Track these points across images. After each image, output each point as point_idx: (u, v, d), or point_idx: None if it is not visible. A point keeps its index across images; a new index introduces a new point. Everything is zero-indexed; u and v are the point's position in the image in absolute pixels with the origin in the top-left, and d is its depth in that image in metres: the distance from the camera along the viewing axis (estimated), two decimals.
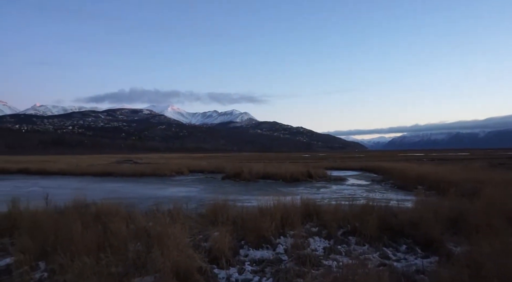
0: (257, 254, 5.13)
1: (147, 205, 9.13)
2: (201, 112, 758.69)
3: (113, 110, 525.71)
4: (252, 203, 10.07)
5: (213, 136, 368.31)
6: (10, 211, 6.94)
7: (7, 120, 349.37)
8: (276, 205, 6.92)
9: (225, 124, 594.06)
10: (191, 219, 6.50)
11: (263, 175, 23.76)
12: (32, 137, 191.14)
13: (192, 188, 18.73)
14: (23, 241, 4.80)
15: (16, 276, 3.81)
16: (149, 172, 27.98)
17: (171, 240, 4.23)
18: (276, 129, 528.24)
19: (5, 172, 31.53)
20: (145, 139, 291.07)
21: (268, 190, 16.81)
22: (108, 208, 6.70)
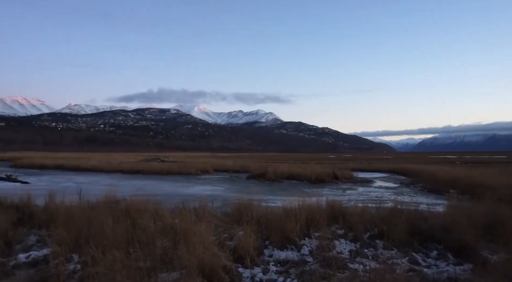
0: (282, 255, 5.10)
1: (173, 202, 9.33)
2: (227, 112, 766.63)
3: (142, 109, 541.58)
4: (276, 204, 10.04)
5: (238, 136, 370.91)
6: (47, 204, 7.32)
7: (45, 119, 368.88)
8: (301, 206, 6.87)
9: (250, 124, 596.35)
10: (216, 218, 6.58)
11: (287, 176, 23.64)
12: (67, 134, 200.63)
13: (217, 187, 18.95)
14: (59, 233, 5.04)
15: (52, 267, 4.01)
16: (175, 170, 28.61)
17: (197, 238, 4.30)
18: (301, 129, 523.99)
19: (44, 168, 33.41)
20: (172, 138, 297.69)
21: (293, 190, 16.70)
22: (137, 205, 6.90)
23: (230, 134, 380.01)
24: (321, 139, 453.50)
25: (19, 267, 4.24)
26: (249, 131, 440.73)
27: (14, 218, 6.32)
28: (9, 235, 5.52)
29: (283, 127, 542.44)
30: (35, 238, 5.85)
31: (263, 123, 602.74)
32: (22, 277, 3.67)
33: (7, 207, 6.97)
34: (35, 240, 5.75)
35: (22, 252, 4.99)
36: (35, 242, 5.68)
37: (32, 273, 4.05)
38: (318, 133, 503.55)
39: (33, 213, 6.99)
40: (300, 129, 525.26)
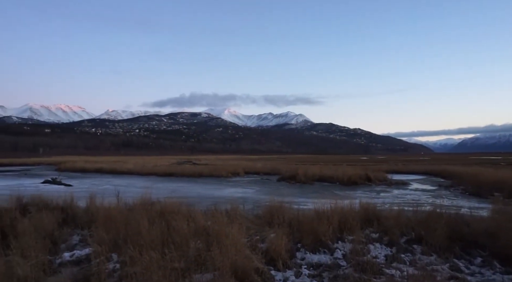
0: (314, 258, 5.03)
1: (205, 204, 9.49)
2: (257, 115, 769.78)
3: (174, 113, 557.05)
4: (308, 206, 9.93)
5: (268, 138, 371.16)
6: (88, 206, 7.72)
7: (85, 124, 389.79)
8: (333, 208, 6.74)
9: (280, 126, 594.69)
10: (248, 220, 6.61)
11: (319, 178, 23.31)
12: (106, 139, 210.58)
13: (248, 189, 19.05)
14: (99, 234, 5.29)
15: (94, 265, 4.22)
16: (207, 173, 29.12)
17: (229, 240, 4.35)
18: (332, 130, 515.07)
19: (85, 171, 35.28)
20: (203, 141, 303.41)
21: (324, 193, 16.43)
22: (171, 206, 7.09)
23: (260, 136, 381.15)
24: (353, 141, 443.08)
25: (64, 265, 4.50)
26: (279, 133, 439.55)
27: (59, 218, 6.72)
28: (55, 235, 5.88)
29: (313, 129, 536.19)
30: (78, 238, 6.18)
31: (293, 125, 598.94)
32: (67, 275, 3.88)
33: (53, 208, 7.42)
34: (78, 240, 6.08)
35: (66, 251, 5.30)
36: (78, 241, 6.01)
37: (76, 271, 4.28)
38: (349, 134, 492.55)
39: (76, 214, 7.39)
40: (331, 130, 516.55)
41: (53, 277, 3.80)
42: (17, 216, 6.54)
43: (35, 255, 4.22)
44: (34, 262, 3.96)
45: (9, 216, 6.58)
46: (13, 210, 7.05)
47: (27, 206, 7.75)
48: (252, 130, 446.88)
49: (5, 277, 3.54)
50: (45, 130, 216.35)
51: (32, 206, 7.67)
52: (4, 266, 3.69)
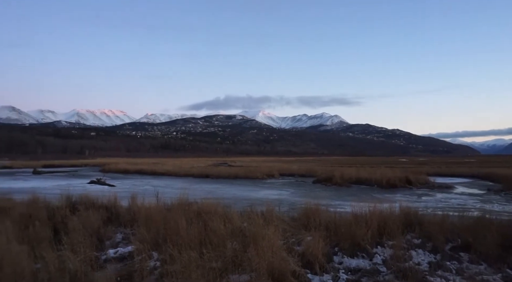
0: (352, 263, 4.90)
1: (241, 205, 9.58)
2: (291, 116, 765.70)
3: (210, 116, 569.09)
4: (345, 209, 9.70)
5: (302, 140, 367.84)
6: (130, 206, 8.09)
7: (126, 128, 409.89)
8: (371, 212, 6.52)
9: (315, 128, 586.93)
10: (284, 222, 6.57)
11: (355, 180, 22.72)
12: (145, 142, 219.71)
13: (283, 191, 18.98)
14: (140, 232, 5.52)
15: (136, 262, 4.41)
16: (242, 175, 29.41)
17: (265, 241, 4.35)
18: (369, 131, 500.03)
19: (126, 172, 37.09)
20: (238, 143, 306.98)
21: (362, 195, 15.97)
22: (207, 207, 7.24)
23: (295, 138, 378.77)
24: (391, 142, 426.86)
25: (109, 261, 4.76)
26: (314, 134, 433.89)
27: (104, 217, 7.10)
28: (100, 232, 6.22)
29: (349, 130, 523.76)
30: (121, 235, 6.49)
31: (328, 126, 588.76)
32: (112, 270, 4.09)
33: (99, 207, 7.86)
34: (121, 238, 6.39)
35: (111, 248, 5.58)
36: (121, 239, 6.31)
37: (120, 267, 4.50)
38: (387, 135, 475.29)
39: (119, 213, 7.77)
40: (368, 131, 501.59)
41: (99, 272, 4.02)
42: (67, 214, 7.00)
43: (83, 250, 4.49)
44: (82, 257, 4.21)
45: (61, 213, 7.07)
46: (63, 208, 7.57)
47: (75, 204, 8.27)
48: (286, 132, 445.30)
49: (58, 270, 3.80)
50: (91, 134, 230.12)
51: (80, 204, 8.16)
52: (57, 260, 3.97)
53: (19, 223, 6.03)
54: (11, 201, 8.86)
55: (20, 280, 3.58)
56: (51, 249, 4.37)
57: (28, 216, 6.72)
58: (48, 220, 6.58)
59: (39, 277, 3.75)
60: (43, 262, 4.07)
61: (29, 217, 6.62)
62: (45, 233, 5.53)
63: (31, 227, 5.69)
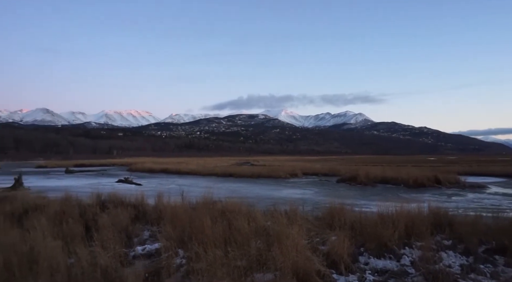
0: (379, 264, 4.79)
1: (264, 204, 9.60)
2: (314, 115, 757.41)
3: (233, 116, 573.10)
4: (370, 209, 9.51)
5: (326, 139, 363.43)
6: (156, 204, 8.30)
7: (152, 128, 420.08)
8: (398, 212, 6.36)
9: (338, 126, 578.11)
10: (308, 221, 6.52)
11: (381, 179, 22.20)
12: (170, 141, 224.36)
13: (307, 191, 18.84)
14: (166, 230, 5.65)
15: (163, 259, 4.53)
16: (265, 174, 29.44)
17: (289, 240, 4.33)
18: (394, 130, 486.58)
19: (152, 171, 38.04)
20: (261, 142, 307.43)
21: (388, 195, 15.59)
22: (231, 206, 7.31)
23: (318, 137, 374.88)
24: (419, 140, 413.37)
25: (137, 258, 4.90)
26: (337, 133, 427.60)
27: (132, 215, 7.32)
28: (128, 230, 6.42)
29: (374, 128, 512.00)
30: (148, 233, 6.67)
31: (352, 125, 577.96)
32: (141, 266, 4.22)
33: (127, 205, 8.12)
34: (148, 235, 6.57)
35: (139, 245, 5.75)
36: (148, 236, 6.49)
37: (147, 264, 4.63)
38: (414, 133, 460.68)
39: (146, 211, 8.00)
40: (393, 129, 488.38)
41: (129, 268, 4.15)
42: (98, 212, 7.29)
43: (113, 247, 4.65)
44: (112, 253, 4.36)
45: (91, 211, 7.37)
46: (94, 206, 7.88)
47: (105, 202, 8.59)
48: (309, 131, 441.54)
49: (91, 265, 3.97)
50: (118, 134, 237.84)
51: (109, 202, 8.47)
52: (89, 256, 4.14)
53: (54, 220, 6.34)
54: (46, 199, 9.33)
55: (55, 274, 3.76)
56: (83, 245, 4.57)
57: (62, 213, 7.04)
58: (80, 217, 6.88)
59: (72, 272, 3.93)
60: (76, 257, 4.26)
61: (62, 214, 6.94)
62: (78, 230, 5.77)
63: (64, 224, 5.96)
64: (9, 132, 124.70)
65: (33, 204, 8.23)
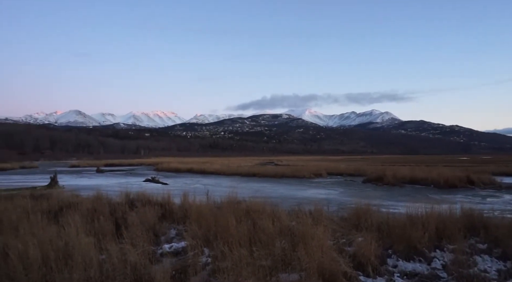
0: (408, 266, 4.65)
1: (288, 204, 9.56)
2: (338, 114, 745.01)
3: (256, 116, 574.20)
4: (398, 210, 9.25)
5: (351, 138, 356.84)
6: (182, 203, 8.46)
7: (177, 129, 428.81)
8: (429, 213, 6.15)
9: (363, 125, 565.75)
10: (333, 222, 6.44)
11: (409, 180, 21.52)
12: (195, 142, 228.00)
13: (331, 191, 18.58)
14: (192, 229, 5.75)
15: (189, 258, 4.62)
16: (289, 174, 29.29)
17: (314, 241, 4.30)
18: (423, 128, 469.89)
19: (178, 171, 38.83)
20: (284, 142, 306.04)
21: (417, 196, 15.09)
22: (256, 206, 7.33)
23: (342, 136, 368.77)
24: (449, 139, 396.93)
25: (165, 255, 5.02)
26: (363, 132, 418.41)
27: (159, 213, 7.51)
28: (156, 228, 6.59)
29: (401, 127, 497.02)
30: (175, 231, 6.81)
31: (378, 124, 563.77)
32: (168, 264, 4.32)
33: (154, 204, 8.33)
34: (174, 234, 6.71)
35: (166, 243, 5.89)
36: (174, 235, 6.63)
37: (174, 261, 4.74)
38: (445, 132, 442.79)
39: (172, 210, 8.17)
40: (422, 128, 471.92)
41: (156, 265, 4.27)
42: (127, 210, 7.52)
43: (141, 244, 4.80)
44: (141, 251, 4.49)
45: (121, 209, 7.62)
46: (123, 204, 8.15)
47: (133, 201, 8.85)
48: (334, 130, 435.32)
49: (121, 261, 4.11)
50: (145, 134, 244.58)
51: (138, 201, 8.72)
52: (119, 252, 4.29)
53: (86, 217, 6.61)
54: (79, 197, 9.75)
55: (89, 269, 3.92)
56: (113, 242, 4.74)
57: (93, 211, 7.33)
58: (110, 215, 7.12)
59: (104, 267, 4.08)
60: (107, 254, 4.42)
61: (94, 212, 7.23)
62: (108, 227, 5.99)
63: (96, 221, 6.20)
64: (45, 133, 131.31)
65: (68, 202, 8.62)
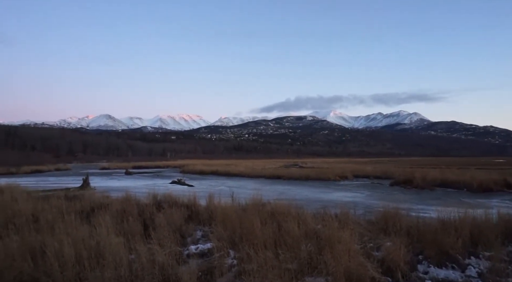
0: (440, 273, 4.46)
1: (314, 207, 9.45)
2: (364, 115, 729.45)
3: (280, 118, 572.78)
4: (429, 214, 8.91)
5: (377, 140, 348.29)
6: (208, 205, 8.57)
7: (202, 131, 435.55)
8: (462, 218, 5.89)
9: (390, 127, 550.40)
10: (360, 226, 6.30)
11: (440, 183, 20.69)
12: (219, 144, 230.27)
13: (357, 194, 18.19)
14: (218, 230, 5.81)
15: (215, 259, 4.67)
16: (313, 176, 28.96)
17: (341, 245, 4.22)
18: (455, 129, 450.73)
19: (203, 173, 39.37)
20: (309, 144, 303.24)
21: (448, 200, 14.47)
22: (280, 208, 7.30)
23: (368, 138, 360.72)
24: (483, 140, 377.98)
25: (191, 256, 5.10)
26: (390, 134, 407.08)
27: (185, 215, 7.65)
28: (182, 229, 6.71)
29: (431, 128, 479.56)
30: (201, 233, 6.91)
31: (406, 125, 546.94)
32: (194, 265, 4.38)
33: (180, 205, 8.49)
34: (200, 235, 6.80)
35: (192, 244, 5.98)
36: (200, 236, 6.72)
37: (200, 262, 4.80)
38: (478, 133, 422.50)
39: (198, 211, 8.29)
40: (453, 129, 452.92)
41: (183, 266, 4.34)
42: (154, 211, 7.72)
43: (169, 245, 4.90)
44: (168, 251, 4.59)
45: (149, 210, 7.82)
46: (151, 205, 8.36)
47: (160, 203, 9.06)
48: (359, 132, 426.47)
49: (149, 261, 4.22)
50: (171, 137, 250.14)
51: (165, 203, 8.93)
52: (147, 253, 4.41)
53: (116, 218, 6.84)
54: (109, 198, 10.10)
55: (119, 268, 4.06)
56: (142, 242, 4.87)
57: (123, 212, 7.57)
58: (138, 216, 7.33)
59: (133, 267, 4.20)
60: (136, 254, 4.55)
61: (123, 213, 7.47)
62: (137, 228, 6.17)
63: (125, 222, 6.40)
64: (78, 137, 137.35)
65: (99, 203, 8.95)
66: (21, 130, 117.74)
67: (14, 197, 9.83)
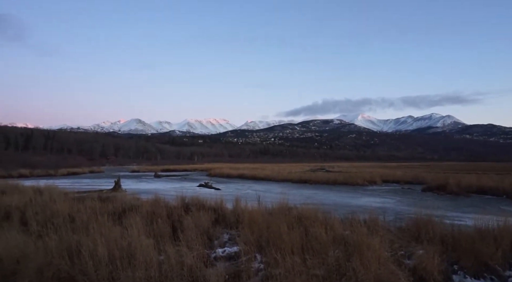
0: None
1: (341, 212, 9.25)
2: (394, 119, 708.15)
3: (307, 121, 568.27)
4: (464, 222, 8.50)
5: (407, 144, 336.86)
6: (234, 208, 8.62)
7: (229, 135, 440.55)
8: (501, 227, 5.56)
9: (422, 130, 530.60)
10: (390, 232, 6.10)
11: (477, 189, 19.65)
12: (246, 148, 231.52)
13: (387, 199, 17.65)
14: (245, 234, 5.83)
15: (242, 263, 4.69)
16: (341, 181, 28.41)
17: (370, 252, 4.12)
18: (492, 133, 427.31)
19: (229, 177, 39.75)
20: (336, 148, 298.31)
21: (486, 207, 13.73)
22: (307, 213, 7.21)
23: (398, 142, 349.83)
24: None
25: (218, 259, 5.15)
26: (421, 137, 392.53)
27: (212, 218, 7.73)
28: (209, 232, 6.79)
29: (466, 132, 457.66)
30: (227, 236, 6.95)
31: (439, 128, 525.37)
32: (221, 268, 4.43)
33: (208, 208, 8.60)
34: (227, 238, 6.85)
35: (219, 247, 6.03)
36: (227, 239, 6.76)
37: (227, 265, 4.84)
38: None
39: (225, 215, 8.36)
40: (490, 133, 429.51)
41: (211, 269, 4.40)
42: (182, 214, 7.86)
43: (196, 248, 4.98)
44: (196, 253, 4.67)
45: (177, 213, 7.99)
46: (179, 208, 8.53)
47: (188, 205, 9.22)
48: (388, 135, 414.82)
49: (178, 263, 4.31)
50: (199, 141, 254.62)
51: (192, 205, 9.07)
52: (176, 254, 4.51)
53: (146, 219, 7.04)
54: (140, 200, 10.42)
55: (149, 268, 4.18)
56: (171, 244, 4.98)
57: (152, 214, 7.78)
58: (167, 218, 7.50)
59: (163, 268, 4.31)
60: (165, 255, 4.66)
61: (153, 215, 7.67)
62: (166, 230, 6.31)
63: (155, 223, 6.57)
64: (110, 140, 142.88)
65: (130, 205, 9.25)
66: (58, 135, 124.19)
67: (52, 198, 10.35)
